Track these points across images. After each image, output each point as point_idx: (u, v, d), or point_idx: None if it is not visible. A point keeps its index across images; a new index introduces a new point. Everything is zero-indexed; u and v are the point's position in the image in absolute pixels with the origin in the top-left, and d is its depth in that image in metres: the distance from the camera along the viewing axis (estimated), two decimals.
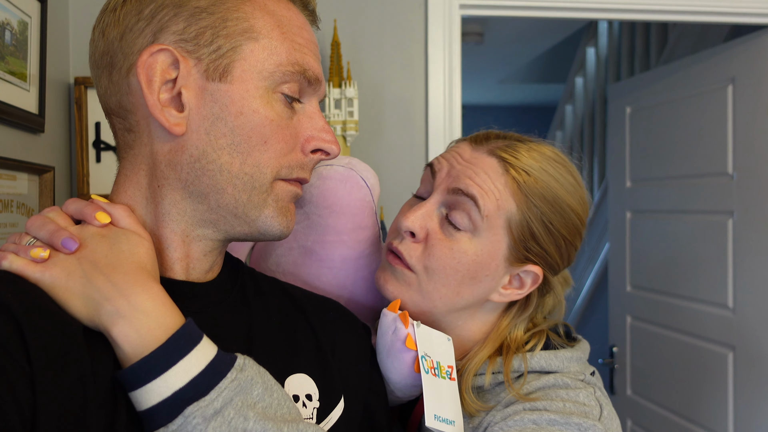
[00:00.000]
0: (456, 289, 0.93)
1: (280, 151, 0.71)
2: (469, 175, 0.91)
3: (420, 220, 0.93)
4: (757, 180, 2.29)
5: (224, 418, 0.60)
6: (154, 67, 0.67)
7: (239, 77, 0.68)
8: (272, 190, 0.72)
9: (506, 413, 0.86)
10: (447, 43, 2.02)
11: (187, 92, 0.68)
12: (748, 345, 2.33)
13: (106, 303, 0.61)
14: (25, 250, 0.64)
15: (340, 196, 0.97)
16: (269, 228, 0.73)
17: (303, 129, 0.75)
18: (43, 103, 1.57)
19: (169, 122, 0.68)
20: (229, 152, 0.69)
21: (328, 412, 0.78)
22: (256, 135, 0.69)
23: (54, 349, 0.56)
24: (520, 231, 0.91)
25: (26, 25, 1.49)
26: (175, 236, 0.72)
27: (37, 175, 1.56)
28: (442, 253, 0.91)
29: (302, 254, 1.00)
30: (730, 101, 2.41)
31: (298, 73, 0.71)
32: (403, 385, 0.91)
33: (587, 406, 0.86)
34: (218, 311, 0.75)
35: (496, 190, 0.90)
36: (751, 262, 2.32)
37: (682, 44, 3.37)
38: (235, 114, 0.68)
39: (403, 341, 0.87)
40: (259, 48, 0.69)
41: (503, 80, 6.03)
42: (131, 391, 0.60)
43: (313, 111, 0.76)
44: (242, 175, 0.70)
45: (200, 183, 0.69)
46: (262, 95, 0.69)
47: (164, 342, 0.61)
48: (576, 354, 0.95)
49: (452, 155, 0.97)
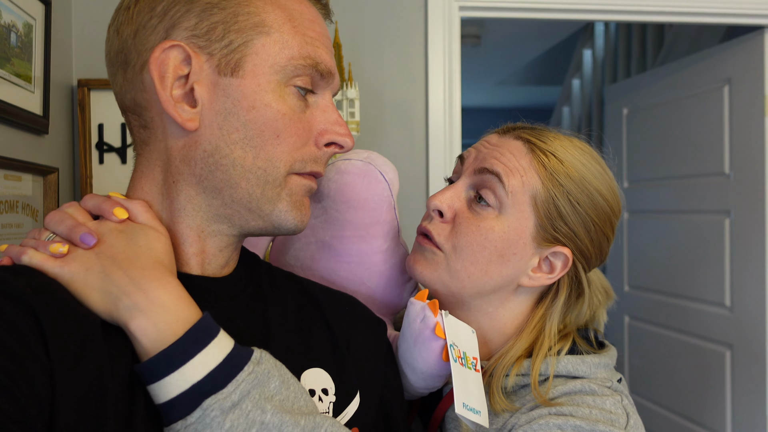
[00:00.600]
0: (484, 268, 0.93)
1: (294, 145, 0.72)
2: (495, 155, 0.93)
3: (448, 200, 0.95)
4: (754, 179, 2.31)
5: (242, 410, 0.61)
6: (166, 63, 0.68)
7: (251, 71, 0.69)
8: (286, 184, 0.72)
9: (531, 416, 0.85)
10: (447, 45, 2.03)
11: (200, 88, 0.69)
12: (746, 343, 2.35)
13: (124, 297, 0.62)
14: (45, 245, 0.65)
15: (359, 191, 0.96)
16: (283, 222, 0.74)
17: (316, 122, 0.75)
18: (47, 105, 1.58)
19: (182, 118, 0.68)
20: (242, 146, 0.69)
21: (344, 407, 0.78)
22: (268, 129, 0.69)
23: (72, 343, 0.57)
24: (546, 208, 0.91)
25: (31, 28, 1.50)
26: (191, 231, 0.72)
27: (42, 176, 1.57)
28: (469, 230, 0.92)
29: (320, 249, 1.00)
30: (726, 102, 2.43)
31: (310, 66, 0.71)
32: (428, 374, 0.89)
33: (614, 414, 0.84)
34: (234, 306, 0.76)
35: (521, 167, 0.91)
36: (748, 260, 2.34)
37: (679, 45, 3.39)
38: (248, 108, 0.69)
39: (432, 329, 0.86)
40: (271, 42, 0.69)
41: (501, 82, 6.05)
42: (149, 384, 0.61)
43: (326, 104, 0.76)
44: (255, 169, 0.70)
45: (214, 178, 0.70)
46: (274, 89, 0.70)
47: (182, 335, 0.61)
48: (604, 360, 0.94)
49: (480, 143, 0.99)
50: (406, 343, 0.90)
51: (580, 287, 0.97)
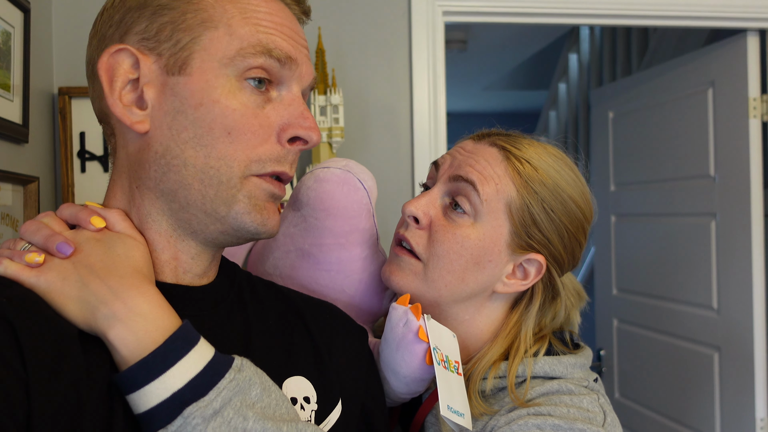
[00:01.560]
0: (461, 276, 0.94)
1: (248, 143, 0.68)
2: (470, 163, 0.94)
3: (423, 206, 0.95)
4: (739, 182, 2.32)
5: (224, 418, 0.60)
6: (114, 67, 0.68)
7: (199, 68, 0.67)
8: (243, 186, 0.69)
9: (510, 417, 0.86)
10: (431, 50, 2.03)
11: (149, 89, 0.68)
12: (734, 345, 2.36)
13: (102, 306, 0.61)
14: (20, 255, 0.64)
15: (337, 199, 0.96)
16: (242, 225, 0.70)
17: (279, 117, 0.71)
18: (27, 114, 1.56)
19: (131, 120, 0.68)
20: (193, 146, 0.67)
21: (326, 415, 0.78)
22: (218, 126, 0.67)
23: (49, 354, 0.56)
24: (521, 215, 0.92)
25: (9, 35, 1.48)
26: (161, 237, 0.71)
27: (22, 186, 1.55)
28: (446, 238, 0.92)
29: (299, 257, 1.00)
30: (710, 104, 2.44)
31: (262, 54, 0.68)
32: (411, 378, 0.90)
33: (591, 412, 0.85)
34: (215, 315, 0.75)
35: (495, 175, 0.92)
36: (735, 263, 2.35)
37: (663, 49, 3.42)
38: (195, 106, 0.67)
39: (416, 333, 0.86)
40: (219, 36, 0.67)
41: (487, 87, 6.06)
42: (128, 394, 0.60)
43: (292, 97, 0.72)
44: (208, 169, 0.67)
45: (168, 180, 0.68)
46: (224, 85, 0.67)
47: (161, 344, 0.61)
48: (580, 360, 0.95)
49: (455, 150, 0.99)
50: (388, 348, 0.90)
51: (555, 291, 0.98)
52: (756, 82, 2.28)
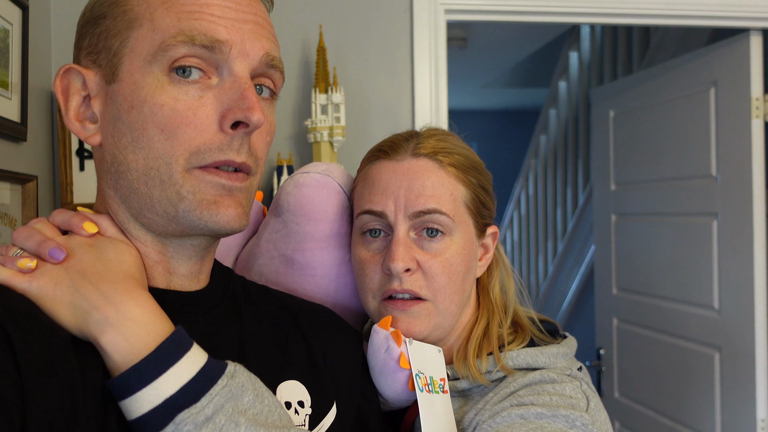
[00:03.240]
0: (461, 288, 0.96)
1: (184, 137, 0.65)
2: (418, 191, 0.92)
3: (405, 255, 0.92)
4: (741, 182, 2.31)
5: (216, 424, 0.60)
6: (68, 87, 0.69)
7: (127, 71, 0.66)
8: (185, 182, 0.66)
9: (494, 410, 0.87)
10: (433, 48, 2.02)
11: (95, 102, 0.69)
12: (734, 345, 2.35)
13: (94, 312, 0.61)
14: (12, 261, 0.64)
15: (317, 204, 0.97)
16: (194, 222, 0.67)
17: (218, 103, 0.66)
18: (26, 112, 1.55)
19: (85, 135, 0.69)
20: (132, 150, 0.66)
21: (320, 419, 0.78)
22: (150, 126, 0.65)
23: (43, 359, 0.56)
24: (474, 204, 0.98)
25: (7, 33, 1.47)
26: (138, 243, 0.71)
27: (20, 185, 1.54)
28: (441, 269, 0.93)
29: (283, 263, 1.00)
30: (712, 104, 2.43)
31: (183, 43, 0.64)
32: (397, 401, 0.92)
33: (574, 399, 0.87)
34: (208, 321, 0.75)
35: (443, 186, 0.94)
36: (736, 263, 2.34)
37: (664, 48, 3.41)
38: (127, 110, 0.66)
39: (397, 360, 0.88)
40: (143, 34, 0.66)
41: (487, 85, 6.05)
42: (121, 400, 0.60)
43: (234, 80, 0.67)
44: (148, 170, 0.66)
45: (121, 186, 0.69)
46: (150, 82, 0.65)
47: (154, 349, 0.60)
48: (562, 350, 0.97)
49: (382, 183, 0.95)
50: (372, 371, 0.92)
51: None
52: (759, 82, 2.27)
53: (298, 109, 1.98)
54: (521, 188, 5.58)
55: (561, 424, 0.82)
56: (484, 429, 0.85)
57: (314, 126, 1.82)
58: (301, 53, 1.96)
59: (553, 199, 4.98)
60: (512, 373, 0.93)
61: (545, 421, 0.82)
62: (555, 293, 4.85)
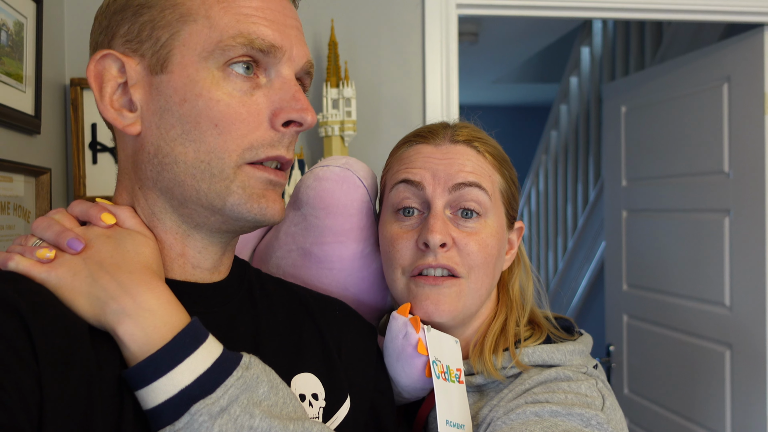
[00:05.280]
0: (492, 274, 0.97)
1: (238, 132, 0.67)
2: (458, 168, 0.94)
3: (443, 229, 0.92)
4: (753, 178, 2.30)
5: (230, 415, 0.61)
6: (102, 73, 0.69)
7: (179, 64, 0.67)
8: (236, 177, 0.68)
9: (509, 407, 0.87)
10: (444, 43, 2.02)
11: (136, 91, 0.69)
12: (745, 343, 2.34)
13: (111, 302, 0.61)
14: (31, 251, 0.65)
15: (337, 197, 0.97)
16: (241, 215, 0.69)
17: (269, 102, 0.69)
18: (39, 105, 1.56)
19: (123, 124, 0.69)
20: (181, 142, 0.67)
21: (334, 411, 0.79)
22: (204, 120, 0.66)
23: (60, 348, 0.57)
24: (507, 196, 0.99)
25: (22, 26, 1.48)
26: (168, 234, 0.72)
27: (34, 177, 1.55)
28: (474, 247, 0.93)
29: (301, 256, 1.00)
30: (725, 100, 2.41)
31: (244, 45, 0.67)
32: (412, 388, 0.91)
33: (589, 397, 0.87)
34: (225, 312, 0.75)
35: (483, 169, 0.96)
36: (748, 260, 2.33)
37: (677, 43, 3.38)
38: (179, 102, 0.67)
39: (415, 346, 0.87)
40: (197, 29, 0.67)
41: (498, 80, 6.03)
42: (137, 389, 0.61)
43: (283, 80, 0.70)
44: (198, 164, 0.67)
45: (163, 179, 0.69)
46: (205, 77, 0.67)
47: (170, 340, 0.61)
48: (578, 347, 0.96)
49: (424, 160, 0.96)
50: (389, 358, 0.91)
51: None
52: None
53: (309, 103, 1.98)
54: (532, 184, 5.57)
55: (576, 422, 0.82)
56: (499, 425, 0.85)
57: (325, 120, 1.83)
58: (312, 47, 1.96)
59: (564, 194, 4.97)
60: (527, 370, 0.92)
61: (560, 419, 0.82)
62: (565, 289, 4.84)
